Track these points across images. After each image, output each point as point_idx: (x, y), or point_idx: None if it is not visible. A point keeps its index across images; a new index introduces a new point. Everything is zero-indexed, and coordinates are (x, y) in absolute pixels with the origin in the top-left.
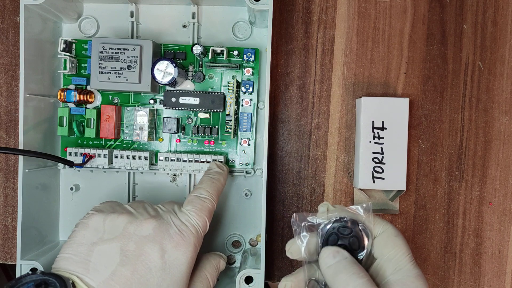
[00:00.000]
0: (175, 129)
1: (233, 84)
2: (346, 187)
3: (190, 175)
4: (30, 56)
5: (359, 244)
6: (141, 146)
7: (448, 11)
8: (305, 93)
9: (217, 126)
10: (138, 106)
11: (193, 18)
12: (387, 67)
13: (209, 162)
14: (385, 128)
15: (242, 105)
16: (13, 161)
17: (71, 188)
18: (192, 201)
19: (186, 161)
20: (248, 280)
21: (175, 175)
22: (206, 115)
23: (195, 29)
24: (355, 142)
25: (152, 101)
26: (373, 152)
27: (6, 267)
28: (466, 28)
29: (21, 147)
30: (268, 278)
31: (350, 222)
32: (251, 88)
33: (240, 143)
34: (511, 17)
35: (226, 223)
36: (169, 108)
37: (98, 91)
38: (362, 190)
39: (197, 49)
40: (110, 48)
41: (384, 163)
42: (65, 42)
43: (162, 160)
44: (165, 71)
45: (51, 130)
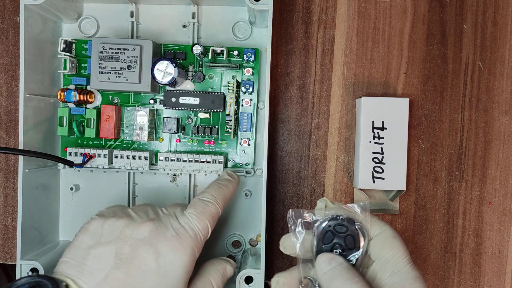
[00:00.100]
0: (175, 129)
1: (233, 84)
2: (346, 187)
3: (190, 175)
4: (30, 56)
5: (355, 243)
6: (141, 146)
7: (448, 11)
8: (305, 93)
9: (217, 126)
10: (138, 106)
11: (193, 18)
12: (387, 67)
13: (209, 162)
14: (385, 128)
15: (242, 105)
16: (13, 161)
17: (71, 188)
18: (194, 204)
19: (186, 161)
20: (248, 280)
21: (175, 175)
22: (206, 115)
23: (195, 29)
24: (355, 142)
25: (152, 101)
26: (373, 152)
27: (6, 267)
28: (466, 28)
29: (21, 147)
30: (268, 278)
31: (347, 221)
32: (251, 88)
33: (240, 143)
34: (511, 17)
35: (226, 223)
36: (169, 108)
37: (98, 91)
38: (362, 190)
39: (197, 49)
40: (110, 48)
41: (384, 163)
42: (65, 42)
43: (162, 160)
44: (165, 71)
45: (51, 130)
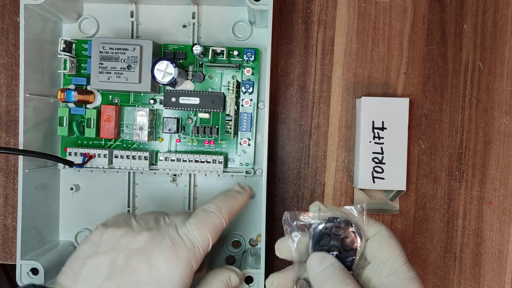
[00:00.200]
0: (175, 129)
1: (233, 84)
2: (346, 187)
3: (190, 175)
4: (30, 56)
5: (352, 245)
6: (141, 146)
7: (448, 11)
8: (305, 93)
9: (217, 126)
10: (138, 106)
11: (193, 18)
12: (387, 67)
13: (209, 162)
14: (385, 128)
15: (242, 105)
16: (13, 161)
17: (71, 188)
18: (197, 214)
19: (186, 161)
20: (248, 280)
21: (175, 175)
22: (206, 115)
23: (195, 29)
24: (355, 142)
25: (152, 101)
26: (373, 152)
27: (6, 267)
28: (466, 28)
29: (21, 147)
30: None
31: (343, 223)
32: (251, 88)
33: (240, 143)
34: (511, 17)
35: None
36: (169, 108)
37: (98, 91)
38: (362, 190)
39: (197, 49)
40: (110, 48)
41: (384, 163)
42: (65, 42)
43: (162, 160)
44: (165, 71)
45: (51, 130)
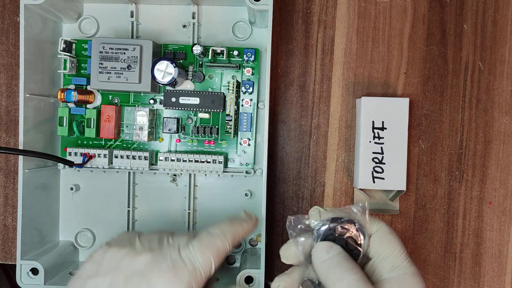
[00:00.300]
0: (175, 129)
1: (233, 84)
2: (346, 187)
3: (190, 175)
4: (30, 56)
5: (356, 244)
6: (141, 146)
7: (448, 11)
8: (305, 93)
9: (217, 126)
10: (138, 106)
11: (193, 18)
12: (387, 67)
13: (209, 162)
14: (385, 128)
15: (242, 105)
16: (13, 161)
17: (71, 188)
18: (201, 236)
19: (186, 161)
20: (248, 280)
21: (175, 175)
22: (206, 115)
23: (195, 29)
24: (355, 142)
25: (152, 101)
26: (373, 152)
27: (6, 267)
28: (466, 28)
29: (21, 147)
30: (268, 278)
31: (347, 222)
32: (251, 88)
33: (240, 143)
34: (511, 17)
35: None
36: (169, 108)
37: (98, 91)
38: (362, 190)
39: (197, 49)
40: (110, 48)
41: (384, 163)
42: (65, 42)
43: (162, 160)
44: (165, 71)
45: (51, 130)
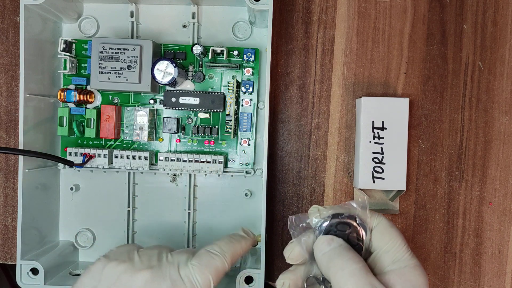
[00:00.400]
0: (175, 129)
1: (233, 84)
2: (346, 187)
3: (190, 175)
4: (30, 56)
5: (357, 239)
6: (141, 146)
7: (448, 11)
8: (305, 93)
9: (217, 126)
10: (138, 106)
11: (193, 18)
12: (387, 67)
13: (209, 162)
14: (385, 128)
15: (242, 105)
16: (13, 161)
17: (71, 188)
18: (200, 255)
19: (186, 161)
20: (248, 280)
21: (175, 175)
22: (206, 115)
23: (195, 29)
24: (355, 142)
25: (152, 101)
26: (373, 152)
27: (6, 267)
28: (466, 28)
29: (21, 147)
30: (268, 278)
31: (348, 218)
32: (251, 88)
33: (240, 143)
34: (511, 17)
35: (226, 223)
36: (169, 108)
37: (98, 91)
38: (362, 190)
39: (197, 49)
40: (110, 48)
41: (384, 163)
42: (65, 42)
43: (162, 160)
44: (165, 71)
45: (51, 130)
